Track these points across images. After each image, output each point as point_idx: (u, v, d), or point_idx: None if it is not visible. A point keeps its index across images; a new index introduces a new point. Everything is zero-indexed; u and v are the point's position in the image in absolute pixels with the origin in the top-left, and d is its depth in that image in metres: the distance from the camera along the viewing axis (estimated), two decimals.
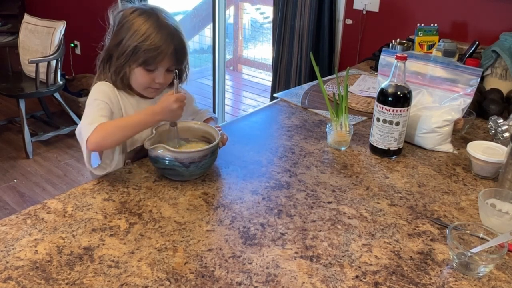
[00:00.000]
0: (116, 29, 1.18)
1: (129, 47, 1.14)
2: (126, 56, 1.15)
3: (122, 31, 1.16)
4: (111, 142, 1.11)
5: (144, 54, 1.14)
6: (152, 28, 1.14)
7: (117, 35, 1.17)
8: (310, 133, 1.43)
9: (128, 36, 1.14)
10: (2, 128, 3.60)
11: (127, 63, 1.16)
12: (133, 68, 1.17)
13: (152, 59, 1.15)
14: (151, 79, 1.18)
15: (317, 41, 2.54)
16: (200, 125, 1.24)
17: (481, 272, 0.86)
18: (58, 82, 3.31)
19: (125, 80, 1.20)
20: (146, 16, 1.16)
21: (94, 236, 0.92)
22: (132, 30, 1.14)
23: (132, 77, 1.19)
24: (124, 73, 1.18)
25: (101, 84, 1.21)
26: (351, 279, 0.84)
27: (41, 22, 3.32)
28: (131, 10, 1.17)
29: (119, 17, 1.18)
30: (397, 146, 1.28)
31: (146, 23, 1.14)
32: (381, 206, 1.07)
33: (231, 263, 0.86)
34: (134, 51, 1.14)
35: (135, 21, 1.15)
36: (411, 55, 1.36)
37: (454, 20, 2.12)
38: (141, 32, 1.13)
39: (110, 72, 1.20)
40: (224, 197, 1.08)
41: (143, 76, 1.18)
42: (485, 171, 1.20)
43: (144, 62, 1.15)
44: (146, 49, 1.13)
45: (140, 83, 1.20)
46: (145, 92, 1.23)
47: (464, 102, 1.30)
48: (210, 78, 3.74)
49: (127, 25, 1.15)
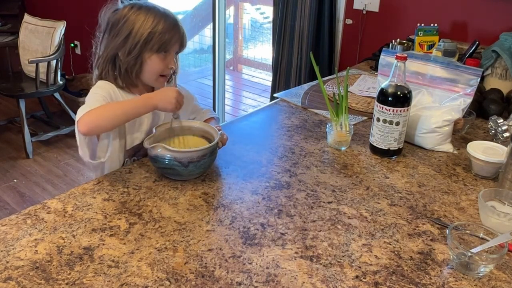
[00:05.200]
0: (115, 29, 1.17)
1: (142, 36, 1.15)
2: (140, 47, 1.16)
3: (125, 28, 1.16)
4: (102, 123, 1.08)
5: (160, 39, 1.16)
6: (159, 15, 1.18)
7: (119, 33, 1.16)
8: (310, 133, 1.43)
9: (138, 27, 1.15)
10: (2, 128, 3.60)
11: (140, 55, 1.17)
12: (148, 57, 1.18)
13: (168, 41, 1.18)
14: (165, 65, 1.20)
15: (317, 41, 2.54)
16: (200, 124, 1.24)
17: (481, 272, 0.86)
18: (58, 82, 3.31)
19: (139, 74, 1.20)
20: (146, 8, 1.18)
21: (94, 236, 0.92)
22: (139, 21, 1.16)
23: (145, 69, 1.20)
24: (139, 66, 1.19)
25: (101, 82, 1.21)
26: (351, 279, 0.84)
27: (41, 22, 3.32)
28: (128, 8, 1.18)
29: (115, 17, 1.18)
30: (397, 146, 1.28)
31: (151, 12, 1.17)
32: (381, 206, 1.07)
33: (231, 263, 0.86)
34: (148, 39, 1.16)
35: (139, 14, 1.16)
36: (411, 55, 1.36)
37: (454, 20, 2.12)
38: (151, 20, 1.16)
39: (118, 72, 1.20)
40: (224, 197, 1.08)
41: (158, 63, 1.19)
42: (485, 171, 1.20)
43: (160, 46, 1.17)
44: (161, 32, 1.16)
45: (155, 71, 1.21)
46: (156, 82, 1.24)
47: (464, 102, 1.30)
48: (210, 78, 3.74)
49: (130, 20, 1.16)
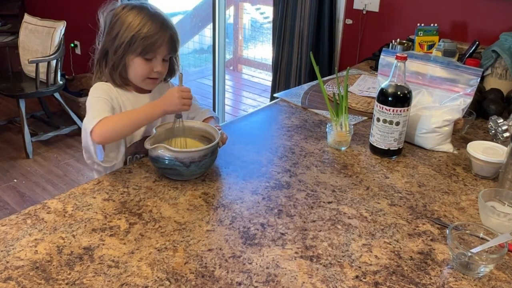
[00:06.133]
0: (109, 27, 1.20)
1: (126, 38, 1.16)
2: (124, 48, 1.17)
3: (116, 27, 1.18)
4: (115, 135, 1.12)
5: (142, 43, 1.16)
6: (147, 18, 1.17)
7: (111, 31, 1.19)
8: (310, 133, 1.43)
9: (124, 28, 1.17)
10: (2, 128, 3.60)
11: (125, 56, 1.18)
12: (131, 59, 1.19)
13: (150, 46, 1.17)
14: (150, 68, 1.20)
15: (317, 41, 2.54)
16: (200, 124, 1.24)
17: (481, 272, 0.86)
18: (58, 82, 3.31)
19: (124, 73, 1.22)
20: (137, 9, 1.19)
21: (94, 236, 0.92)
22: (126, 22, 1.17)
23: (130, 70, 1.21)
24: (123, 66, 1.20)
25: (99, 83, 1.23)
26: (351, 279, 0.84)
27: (41, 22, 3.32)
28: (122, 7, 1.20)
29: (110, 16, 1.21)
30: (397, 146, 1.28)
31: (140, 14, 1.18)
32: (381, 206, 1.07)
33: (231, 263, 0.86)
34: (131, 41, 1.16)
35: (128, 15, 1.18)
36: (411, 55, 1.36)
37: (454, 20, 2.12)
38: (137, 22, 1.16)
39: (108, 69, 1.21)
40: (224, 197, 1.08)
41: (142, 66, 1.20)
42: (485, 171, 1.20)
43: (143, 50, 1.17)
44: (144, 37, 1.16)
45: (139, 74, 1.21)
46: (143, 84, 1.24)
47: (464, 102, 1.30)
48: (210, 78, 3.74)
49: (120, 20, 1.18)
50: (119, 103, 1.22)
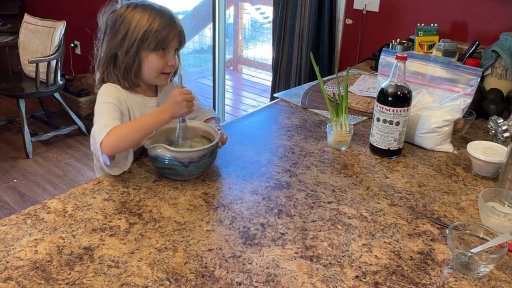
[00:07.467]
0: (114, 29, 1.19)
1: (138, 36, 1.16)
2: (137, 46, 1.17)
3: (122, 28, 1.17)
4: (125, 145, 1.11)
5: (155, 37, 1.16)
6: (155, 13, 1.18)
7: (117, 33, 1.18)
8: (310, 133, 1.43)
9: (133, 27, 1.16)
10: (2, 128, 3.60)
11: (138, 54, 1.18)
12: (145, 56, 1.19)
13: (164, 40, 1.18)
14: (164, 63, 1.21)
15: (317, 41, 2.54)
16: (200, 124, 1.24)
17: (481, 272, 0.86)
18: (58, 82, 3.31)
19: (138, 73, 1.21)
20: (142, 7, 1.19)
21: (94, 236, 0.92)
22: (135, 20, 1.17)
23: (144, 67, 1.20)
24: (137, 65, 1.20)
25: (107, 86, 1.21)
26: (351, 279, 0.84)
27: (41, 22, 3.32)
28: (125, 7, 1.19)
29: (113, 17, 1.20)
30: (397, 146, 1.28)
31: (146, 11, 1.18)
32: (381, 206, 1.07)
33: (231, 263, 0.86)
34: (144, 38, 1.16)
35: (135, 13, 1.17)
36: (411, 55, 1.36)
37: (454, 20, 2.12)
38: (146, 19, 1.16)
39: (118, 72, 1.20)
40: (224, 197, 1.08)
41: (156, 61, 1.20)
42: (485, 171, 1.20)
43: (157, 44, 1.17)
44: (156, 30, 1.16)
45: (155, 70, 1.21)
46: (157, 80, 1.24)
47: (464, 102, 1.30)
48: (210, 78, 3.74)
49: (126, 20, 1.17)
50: (127, 107, 1.21)
